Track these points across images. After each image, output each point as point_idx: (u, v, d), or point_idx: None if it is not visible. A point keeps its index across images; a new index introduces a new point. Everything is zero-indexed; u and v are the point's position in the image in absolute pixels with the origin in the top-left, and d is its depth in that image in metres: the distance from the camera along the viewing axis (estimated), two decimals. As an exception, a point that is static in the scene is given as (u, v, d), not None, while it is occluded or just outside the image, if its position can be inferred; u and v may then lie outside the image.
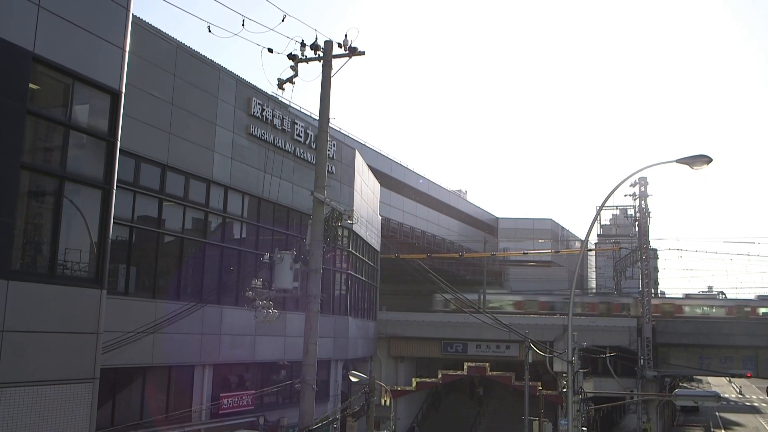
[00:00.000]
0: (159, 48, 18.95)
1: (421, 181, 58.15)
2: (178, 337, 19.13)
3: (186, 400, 19.95)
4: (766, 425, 59.70)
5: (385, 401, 33.93)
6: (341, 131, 39.38)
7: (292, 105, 23.67)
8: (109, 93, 9.70)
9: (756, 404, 76.22)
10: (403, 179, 54.05)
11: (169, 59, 19.35)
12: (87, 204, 9.49)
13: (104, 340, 10.07)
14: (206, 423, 20.11)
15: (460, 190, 74.09)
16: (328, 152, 18.01)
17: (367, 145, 46.83)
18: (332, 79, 15.30)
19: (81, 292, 9.19)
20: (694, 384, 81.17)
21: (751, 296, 57.88)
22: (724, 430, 55.79)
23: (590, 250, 69.99)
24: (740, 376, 46.97)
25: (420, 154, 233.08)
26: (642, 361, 39.84)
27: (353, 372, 24.32)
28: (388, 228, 44.17)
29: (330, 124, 15.91)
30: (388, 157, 52.54)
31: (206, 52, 29.80)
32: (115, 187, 9.74)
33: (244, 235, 23.56)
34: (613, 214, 79.66)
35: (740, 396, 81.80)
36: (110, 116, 9.74)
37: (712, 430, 50.98)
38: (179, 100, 19.55)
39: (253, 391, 22.40)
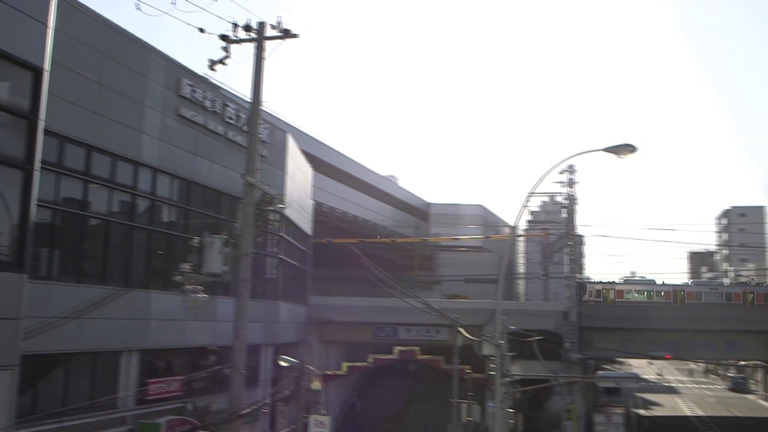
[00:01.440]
0: (86, 25, 18.35)
1: (354, 166, 58.15)
2: (104, 323, 18.70)
3: (111, 386, 19.55)
4: (682, 404, 62.09)
5: (316, 385, 33.97)
6: (274, 115, 38.94)
7: (224, 87, 23.33)
8: (31, 70, 9.36)
9: (674, 385, 79.17)
10: (336, 164, 53.93)
11: (97, 37, 18.77)
12: (7, 185, 9.17)
13: (26, 326, 9.78)
14: (132, 410, 19.76)
15: (392, 176, 74.45)
16: (260, 135, 17.81)
17: (300, 129, 46.51)
18: (265, 62, 15.12)
19: (1, 277, 8.90)
20: (616, 366, 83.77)
21: (678, 281, 59.85)
22: (644, 409, 57.80)
23: (519, 236, 71.26)
24: (660, 358, 48.65)
25: (353, 139, 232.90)
26: (568, 344, 40.85)
27: (284, 357, 24.29)
28: (320, 212, 44.04)
29: (262, 108, 15.73)
30: (322, 141, 52.32)
31: (136, 32, 29.02)
32: (38, 168, 9.43)
33: (173, 219, 23.15)
34: (542, 201, 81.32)
35: (660, 377, 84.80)
36: (32, 94, 9.41)
37: (632, 409, 52.72)
38: (107, 80, 19.01)
39: (182, 377, 22.10)
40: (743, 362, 68.27)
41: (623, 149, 18.42)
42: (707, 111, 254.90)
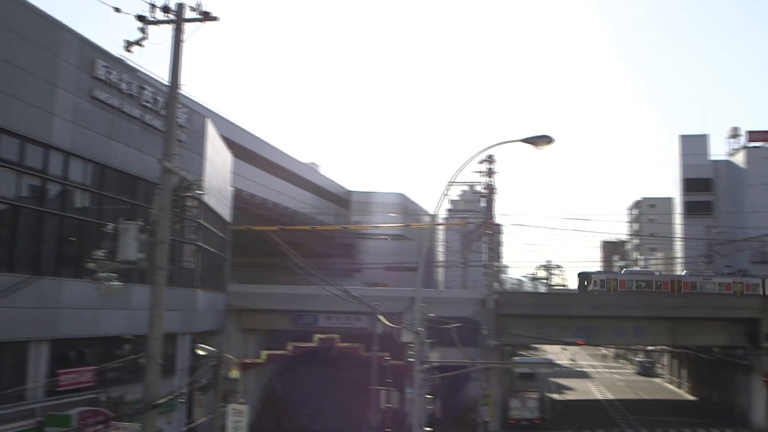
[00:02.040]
0: (-9, 0, 17.53)
1: (274, 152, 57.56)
2: (11, 312, 17.99)
3: (19, 377, 18.85)
4: (594, 388, 64.20)
5: (234, 374, 33.61)
6: (193, 99, 38.10)
7: (141, 69, 22.58)
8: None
9: (586, 370, 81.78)
10: (257, 150, 53.28)
11: (5, 13, 17.95)
12: None
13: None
14: (42, 401, 19.12)
15: (313, 163, 74.08)
16: (178, 120, 17.40)
17: (220, 114, 45.70)
18: (184, 45, 14.75)
19: None
20: (531, 352, 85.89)
21: (591, 269, 61.62)
22: (558, 393, 59.51)
23: (439, 224, 72.02)
24: (573, 343, 50.13)
25: (275, 126, 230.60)
26: (485, 331, 41.59)
27: (201, 345, 23.89)
28: (240, 199, 43.45)
29: (181, 91, 15.35)
30: (242, 127, 51.58)
31: (48, 10, 27.72)
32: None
33: (86, 204, 22.41)
34: (462, 190, 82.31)
35: (573, 362, 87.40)
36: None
37: (546, 394, 54.21)
38: (14, 58, 18.20)
39: (95, 367, 21.49)
40: (650, 347, 71.10)
41: (541, 140, 18.81)
42: (626, 105, 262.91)
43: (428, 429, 26.78)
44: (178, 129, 22.48)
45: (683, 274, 53.23)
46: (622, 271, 57.15)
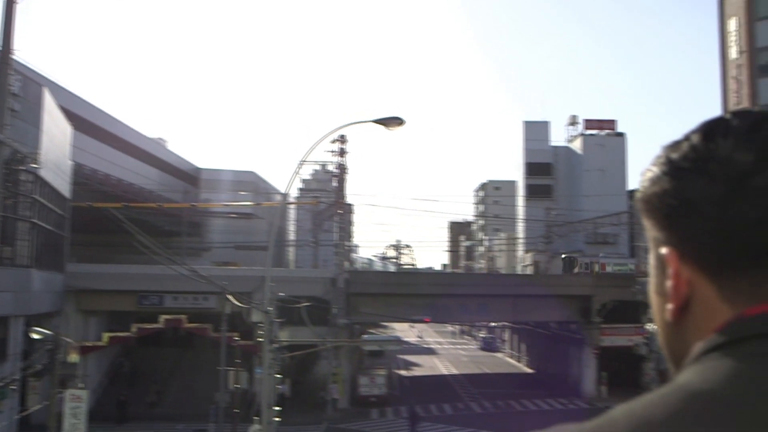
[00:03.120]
0: None
1: (119, 126, 55.08)
2: None
3: None
4: (440, 364, 66.38)
5: (73, 358, 32.08)
6: (29, 66, 35.73)
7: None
8: None
9: (433, 346, 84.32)
10: (100, 123, 50.79)
11: None
12: None
13: None
14: None
15: (160, 138, 71.58)
16: (10, 87, 16.22)
17: (60, 84, 43.12)
18: (18, 6, 13.76)
19: None
20: (381, 330, 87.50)
21: (439, 249, 63.34)
22: (405, 370, 61.05)
23: (290, 203, 71.67)
24: (420, 321, 51.51)
25: (120, 100, 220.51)
26: (335, 310, 41.91)
27: (35, 329, 22.60)
28: (80, 174, 41.28)
29: (15, 57, 14.32)
30: (84, 99, 48.98)
31: None
32: None
33: None
34: (314, 170, 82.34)
35: (420, 339, 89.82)
36: None
37: (394, 371, 55.47)
38: None
39: None
40: (493, 324, 74.29)
41: (392, 121, 19.00)
42: (479, 91, 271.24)
43: (277, 408, 26.71)
44: (11, 97, 20.97)
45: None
46: (600, 255, 59.69)
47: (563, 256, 56.07)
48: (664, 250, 0.86)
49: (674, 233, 0.85)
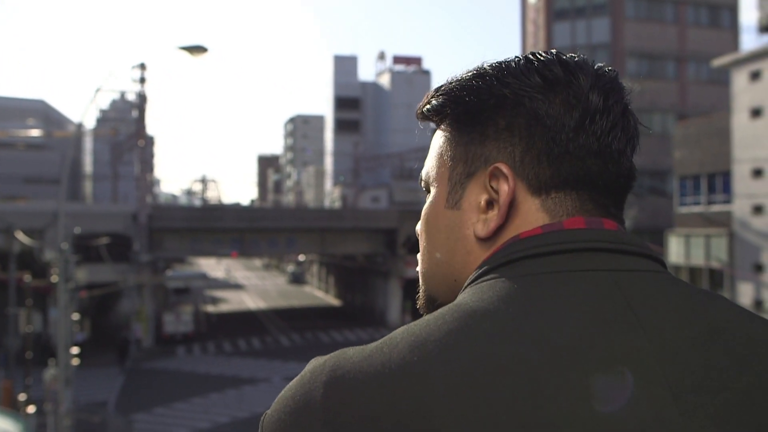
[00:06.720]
0: None
1: None
2: None
3: None
4: (248, 299, 66.11)
5: None
6: None
7: None
8: None
9: (241, 282, 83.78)
10: None
11: None
12: None
13: None
14: None
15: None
16: None
17: None
18: None
19: None
20: (187, 266, 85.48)
21: (247, 183, 62.15)
22: (213, 305, 60.23)
23: (85, 134, 67.23)
24: (227, 256, 50.75)
25: None
26: (137, 246, 40.18)
27: None
28: None
29: None
30: None
31: None
32: None
33: None
34: (113, 99, 77.49)
35: (227, 274, 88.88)
36: None
37: (200, 307, 54.55)
38: None
39: None
40: (301, 257, 74.89)
41: (196, 50, 18.08)
42: (289, 24, 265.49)
43: (75, 350, 25.36)
44: None
45: None
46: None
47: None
48: (499, 165, 0.83)
49: (505, 145, 0.84)
